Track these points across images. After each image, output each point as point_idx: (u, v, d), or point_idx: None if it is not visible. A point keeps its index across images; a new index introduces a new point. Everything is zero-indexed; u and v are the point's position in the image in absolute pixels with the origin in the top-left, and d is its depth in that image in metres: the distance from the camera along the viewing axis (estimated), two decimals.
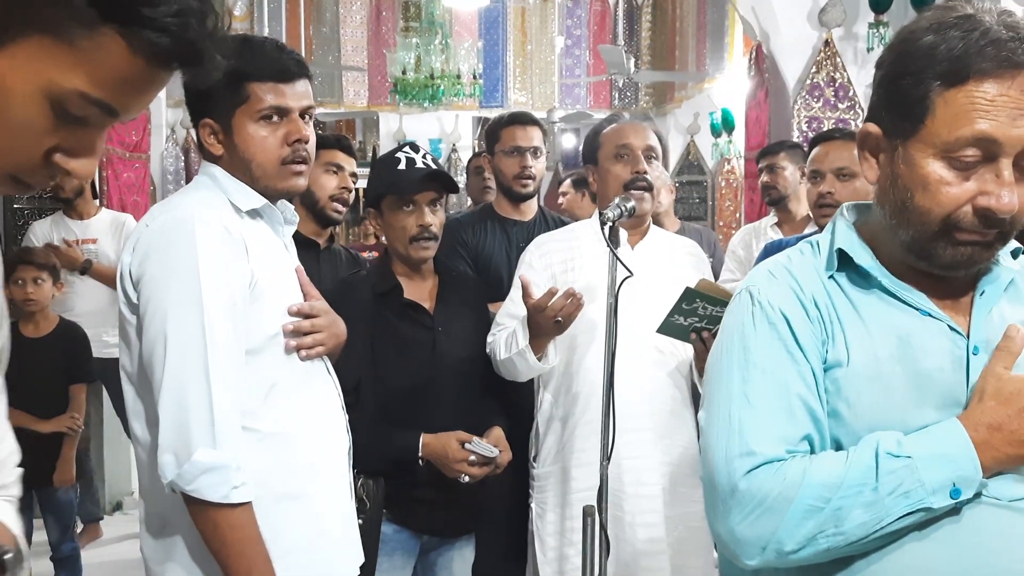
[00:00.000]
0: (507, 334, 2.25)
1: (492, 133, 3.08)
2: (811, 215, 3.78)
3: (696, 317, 2.08)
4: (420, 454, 2.11)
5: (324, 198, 2.62)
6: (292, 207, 1.72)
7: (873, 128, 1.17)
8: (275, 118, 1.61)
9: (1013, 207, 1.07)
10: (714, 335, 2.08)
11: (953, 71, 1.06)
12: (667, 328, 2.12)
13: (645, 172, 2.27)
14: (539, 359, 2.20)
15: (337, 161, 2.65)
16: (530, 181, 2.94)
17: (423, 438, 2.12)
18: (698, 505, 2.10)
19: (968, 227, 1.09)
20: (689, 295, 2.06)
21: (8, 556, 1.18)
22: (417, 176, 2.19)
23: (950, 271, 1.14)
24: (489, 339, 2.33)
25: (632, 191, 2.25)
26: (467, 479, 2.12)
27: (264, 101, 1.60)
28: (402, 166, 2.19)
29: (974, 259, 1.12)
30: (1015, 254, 1.21)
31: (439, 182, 2.23)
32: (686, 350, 2.24)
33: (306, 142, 1.64)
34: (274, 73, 1.60)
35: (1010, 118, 1.05)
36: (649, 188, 2.27)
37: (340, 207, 2.66)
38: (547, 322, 2.11)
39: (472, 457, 2.11)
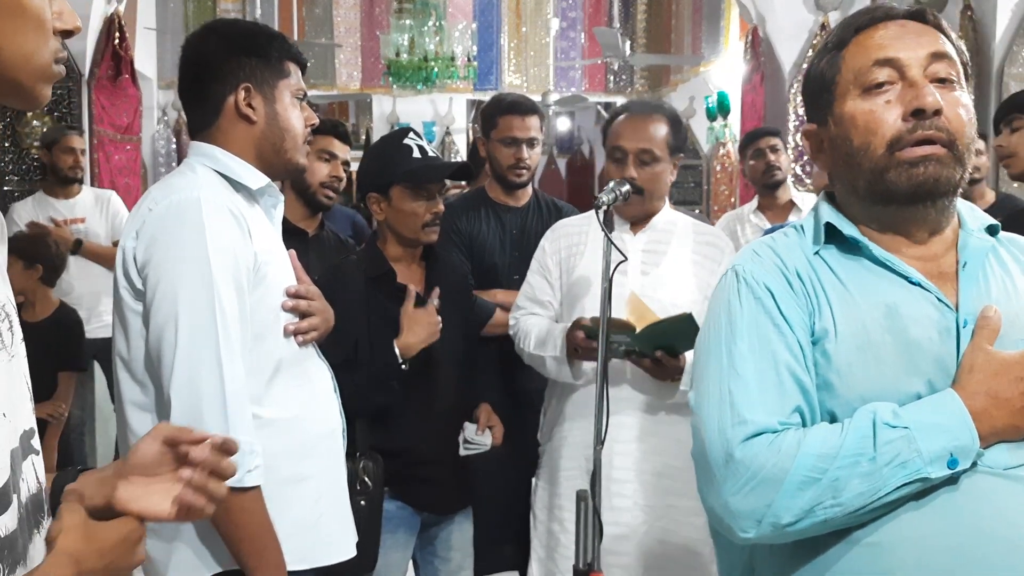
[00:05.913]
0: (540, 328, 2.28)
1: (489, 117, 2.97)
2: (794, 201, 3.83)
3: (617, 343, 2.06)
4: (401, 360, 2.10)
5: (315, 184, 2.65)
6: (276, 187, 1.73)
7: (810, 125, 1.27)
8: (302, 100, 1.69)
9: (938, 103, 1.12)
10: (645, 355, 2.08)
11: (842, 34, 1.21)
12: (611, 354, 2.09)
13: (633, 179, 2.20)
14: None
15: (332, 149, 2.69)
16: (525, 171, 2.91)
17: (396, 344, 2.09)
18: (685, 499, 2.11)
19: (910, 141, 1.13)
20: (590, 332, 2.06)
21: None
22: (442, 167, 2.27)
23: (918, 200, 1.15)
24: (511, 320, 2.38)
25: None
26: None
27: (300, 82, 1.67)
28: (417, 155, 2.22)
29: (933, 177, 1.13)
30: (993, 231, 1.22)
31: (465, 175, 2.41)
32: None
33: None
34: (301, 58, 1.69)
35: (903, 43, 1.16)
36: (638, 192, 2.18)
37: (331, 193, 2.70)
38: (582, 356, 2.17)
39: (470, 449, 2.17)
